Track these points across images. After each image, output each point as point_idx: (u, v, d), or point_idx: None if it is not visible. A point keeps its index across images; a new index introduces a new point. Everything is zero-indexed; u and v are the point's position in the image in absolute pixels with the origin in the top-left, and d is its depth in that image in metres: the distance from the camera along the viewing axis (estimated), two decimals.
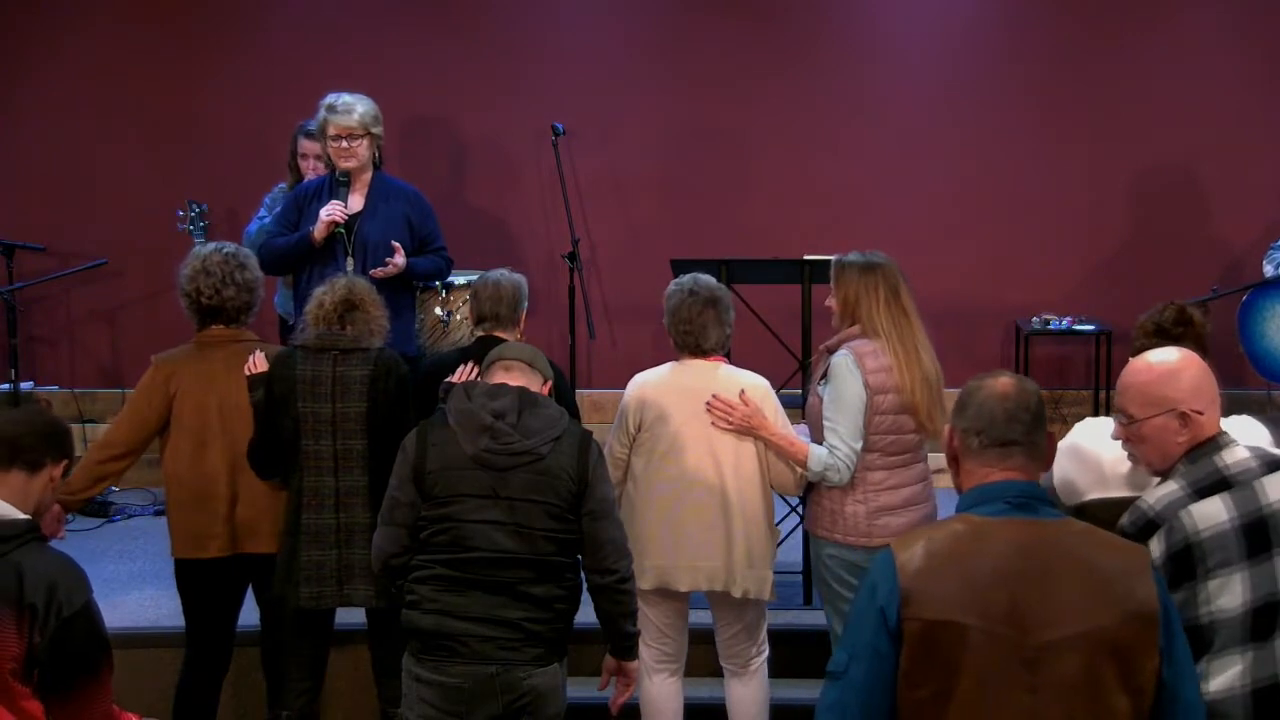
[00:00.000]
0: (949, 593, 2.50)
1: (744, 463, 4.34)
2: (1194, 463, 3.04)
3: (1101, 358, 6.80)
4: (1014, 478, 2.63)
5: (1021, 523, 2.57)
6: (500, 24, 7.33)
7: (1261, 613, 2.95)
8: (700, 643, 4.64)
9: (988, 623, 2.48)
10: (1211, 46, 7.09)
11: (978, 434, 2.67)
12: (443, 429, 3.68)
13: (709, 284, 4.40)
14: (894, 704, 2.54)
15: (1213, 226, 7.12)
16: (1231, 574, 2.96)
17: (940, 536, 2.59)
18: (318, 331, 4.34)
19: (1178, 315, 3.57)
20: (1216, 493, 2.99)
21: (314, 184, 5.51)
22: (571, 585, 3.73)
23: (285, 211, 5.47)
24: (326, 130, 5.40)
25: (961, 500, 2.67)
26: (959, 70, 7.23)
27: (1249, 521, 2.97)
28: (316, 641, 4.44)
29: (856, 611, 2.60)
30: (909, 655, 2.50)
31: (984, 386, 2.71)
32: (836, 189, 7.23)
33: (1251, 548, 2.96)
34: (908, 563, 2.54)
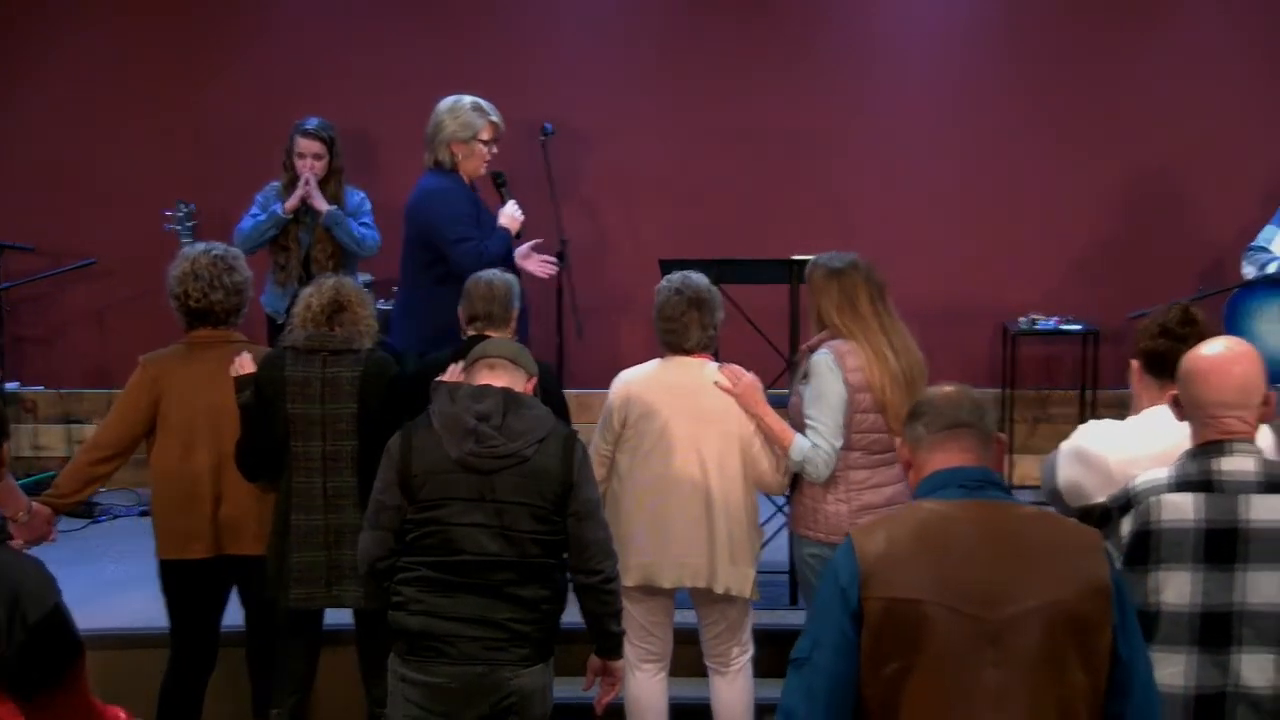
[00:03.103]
0: (909, 573, 2.55)
1: (728, 461, 4.37)
2: (1193, 459, 3.07)
3: (1088, 358, 6.81)
4: (966, 462, 2.68)
5: (977, 504, 2.62)
6: (492, 23, 7.32)
7: (1213, 620, 2.99)
8: (685, 642, 4.65)
9: (949, 600, 2.52)
10: (1198, 50, 7.11)
11: (925, 424, 2.73)
12: (427, 431, 3.69)
13: (697, 284, 4.43)
14: (859, 687, 2.57)
15: (1198, 227, 7.14)
16: (1181, 572, 3.00)
17: (899, 521, 2.65)
18: (306, 333, 4.35)
19: (1182, 315, 3.55)
20: (1196, 491, 3.02)
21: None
22: (557, 586, 3.74)
23: (466, 218, 5.40)
24: (483, 134, 5.50)
25: (918, 490, 2.73)
26: (950, 73, 7.24)
27: (1217, 529, 3.00)
28: (307, 642, 4.46)
29: (819, 599, 2.64)
30: (871, 635, 2.54)
31: (925, 392, 2.84)
32: (826, 189, 7.23)
33: (1212, 554, 2.99)
34: (868, 546, 2.58)
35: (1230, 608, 3.00)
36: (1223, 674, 3.01)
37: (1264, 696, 3.00)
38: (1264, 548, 2.99)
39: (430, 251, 5.39)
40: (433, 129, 5.54)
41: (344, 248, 6.01)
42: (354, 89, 7.20)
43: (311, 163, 5.99)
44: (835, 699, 2.56)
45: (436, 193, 5.43)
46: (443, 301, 5.05)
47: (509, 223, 5.53)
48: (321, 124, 6.08)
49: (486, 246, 5.35)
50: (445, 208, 5.38)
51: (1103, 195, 7.20)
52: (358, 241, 6.02)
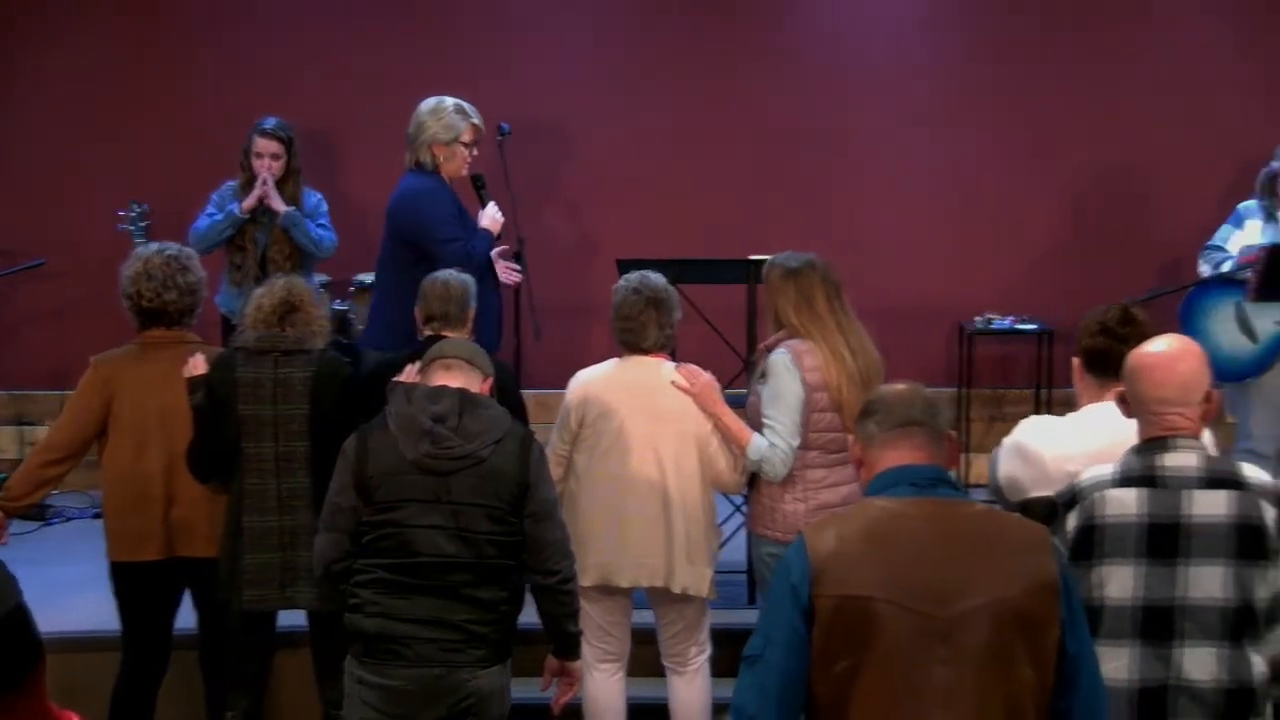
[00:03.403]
0: (860, 570, 2.56)
1: (685, 460, 4.38)
2: (1137, 455, 3.11)
3: (1043, 357, 6.86)
4: (918, 460, 2.70)
5: (928, 502, 2.64)
6: (452, 23, 7.30)
7: (1155, 614, 3.03)
8: (643, 642, 4.65)
9: (899, 597, 2.53)
10: (1157, 51, 7.16)
11: (877, 422, 2.74)
12: (383, 433, 3.67)
13: (655, 284, 4.44)
14: (810, 684, 2.58)
15: (1153, 227, 7.20)
16: (1124, 566, 3.04)
17: (850, 519, 2.66)
18: (257, 333, 4.32)
19: (1122, 315, 3.61)
20: (1139, 486, 3.05)
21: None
22: (515, 587, 3.74)
23: (453, 219, 5.38)
24: (465, 136, 5.47)
25: (869, 488, 2.74)
26: (909, 74, 7.27)
27: (1160, 524, 3.04)
28: (260, 644, 4.43)
29: (772, 597, 2.65)
30: (822, 632, 2.55)
31: (876, 390, 2.85)
32: (784, 190, 7.25)
33: (1154, 548, 3.03)
34: (819, 544, 2.60)
35: (1172, 602, 3.04)
36: (1165, 667, 3.04)
37: (1205, 689, 3.03)
38: (1205, 543, 3.03)
39: (414, 251, 5.36)
40: (414, 130, 5.52)
41: (301, 248, 5.98)
42: (312, 89, 7.17)
43: (269, 163, 5.97)
44: (787, 696, 2.57)
45: (423, 193, 5.41)
46: None
47: (490, 225, 5.53)
48: (280, 124, 6.05)
49: (474, 247, 5.36)
50: (432, 208, 5.36)
51: (1060, 195, 7.25)
52: (315, 242, 6.00)
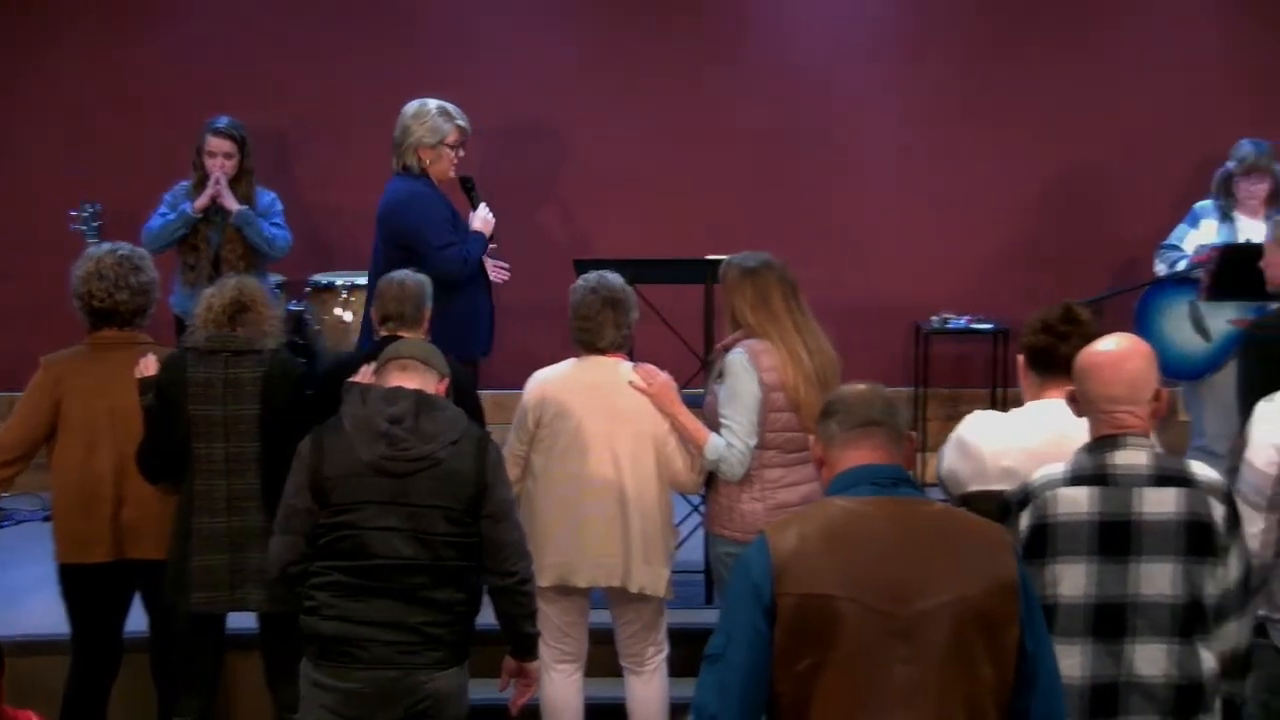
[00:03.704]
0: (821, 569, 2.56)
1: (642, 460, 4.38)
2: (1088, 453, 3.13)
3: (999, 356, 6.90)
4: (878, 459, 2.70)
5: (888, 501, 2.65)
6: (407, 22, 7.27)
7: (1107, 611, 3.06)
8: (600, 642, 4.65)
9: (860, 595, 2.54)
10: (1114, 53, 7.21)
11: (838, 422, 2.74)
12: (339, 435, 3.65)
13: (612, 284, 4.44)
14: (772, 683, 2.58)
15: (1109, 227, 7.24)
16: (1076, 564, 3.06)
17: (812, 517, 2.66)
18: (208, 333, 4.30)
19: (1064, 314, 3.64)
20: (1091, 485, 3.07)
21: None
22: (472, 588, 3.73)
23: (446, 223, 5.37)
24: (449, 139, 5.44)
25: (830, 487, 2.74)
26: (865, 74, 7.29)
27: (1110, 521, 3.06)
28: (209, 647, 4.40)
29: (732, 595, 2.65)
30: (784, 631, 2.55)
31: (837, 390, 2.85)
32: (742, 191, 7.26)
33: (1106, 546, 3.06)
34: (780, 543, 2.60)
35: (1124, 599, 3.06)
36: (1116, 664, 3.06)
37: (1156, 686, 3.06)
38: (1155, 540, 3.05)
39: (407, 255, 5.29)
40: (399, 134, 5.50)
41: (254, 248, 5.95)
42: (266, 89, 7.12)
43: (222, 161, 5.93)
44: (748, 695, 2.57)
45: (414, 198, 5.38)
46: (437, 303, 5.12)
47: (482, 226, 5.51)
48: (232, 123, 6.02)
49: (469, 251, 5.35)
50: (425, 213, 5.34)
51: (1017, 195, 7.29)
52: (268, 241, 5.97)
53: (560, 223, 7.29)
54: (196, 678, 4.39)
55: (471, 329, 5.42)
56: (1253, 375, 4.08)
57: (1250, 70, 7.12)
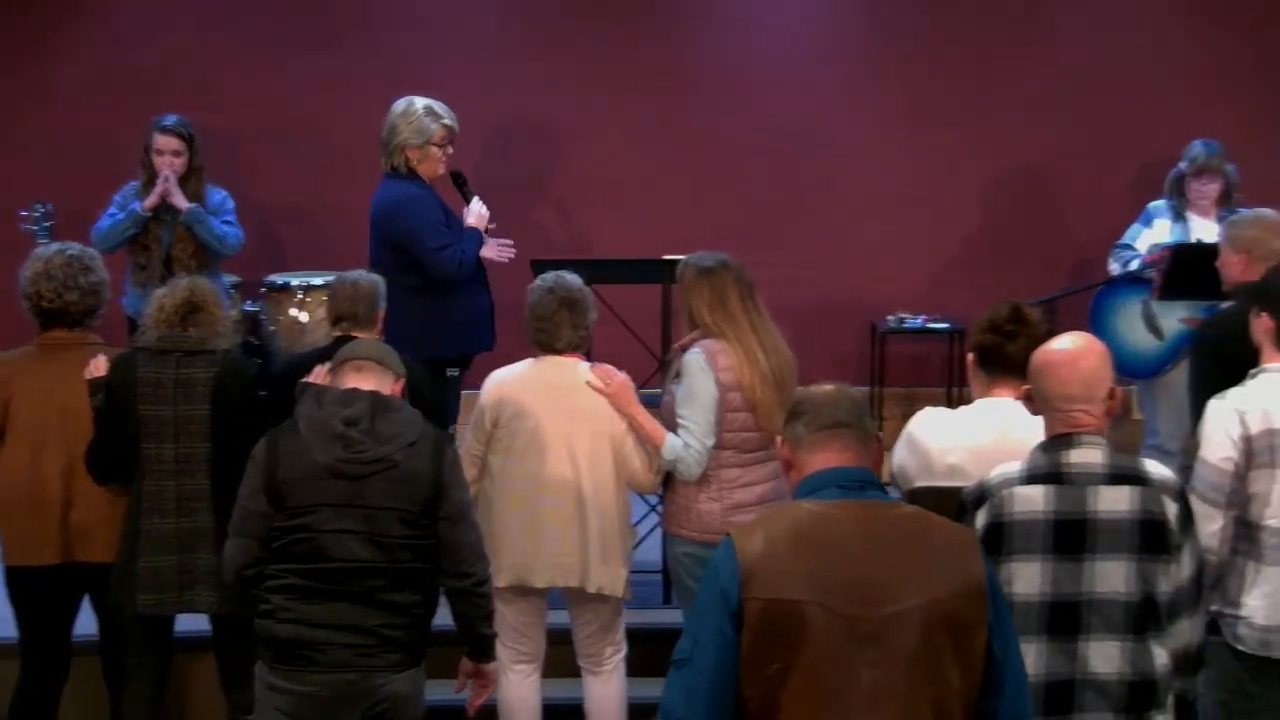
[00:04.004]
0: (788, 573, 2.55)
1: (600, 460, 4.37)
2: (1044, 452, 3.14)
3: (955, 355, 6.93)
4: (846, 462, 2.69)
5: (856, 504, 2.64)
6: (361, 21, 7.24)
7: (1061, 609, 3.07)
8: (558, 643, 4.64)
9: (827, 600, 2.53)
10: (1067, 52, 7.26)
11: (805, 423, 2.73)
12: (294, 437, 3.62)
13: (570, 284, 4.44)
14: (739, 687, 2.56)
15: (1064, 227, 7.30)
16: (1030, 562, 3.08)
17: (779, 521, 2.65)
18: (159, 333, 4.27)
19: (1011, 313, 3.66)
20: (1046, 483, 3.09)
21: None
22: (429, 590, 3.72)
23: (440, 224, 5.36)
24: (436, 138, 5.44)
25: (798, 490, 2.73)
26: (821, 72, 7.32)
27: (1066, 520, 3.08)
28: (157, 649, 4.37)
29: (699, 599, 2.63)
30: (751, 635, 2.54)
31: (804, 391, 2.83)
32: (697, 188, 7.26)
33: (1061, 544, 3.07)
34: (747, 547, 2.58)
35: (1079, 597, 3.08)
36: (1070, 662, 3.08)
37: (1110, 683, 3.08)
38: (1109, 538, 3.07)
39: (402, 257, 5.36)
40: (387, 134, 5.50)
41: (206, 246, 5.91)
42: (218, 89, 7.07)
43: (170, 159, 5.88)
44: (715, 699, 2.55)
45: (407, 201, 5.39)
46: (423, 303, 5.24)
47: (477, 221, 5.52)
48: (180, 121, 5.97)
49: (465, 251, 5.36)
50: (419, 216, 5.35)
51: (972, 194, 7.33)
52: (219, 239, 5.92)
53: (517, 223, 7.23)
54: (145, 681, 4.36)
55: (475, 326, 5.45)
56: (1205, 374, 4.12)
57: (1202, 71, 7.19)
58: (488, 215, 5.57)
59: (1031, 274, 6.98)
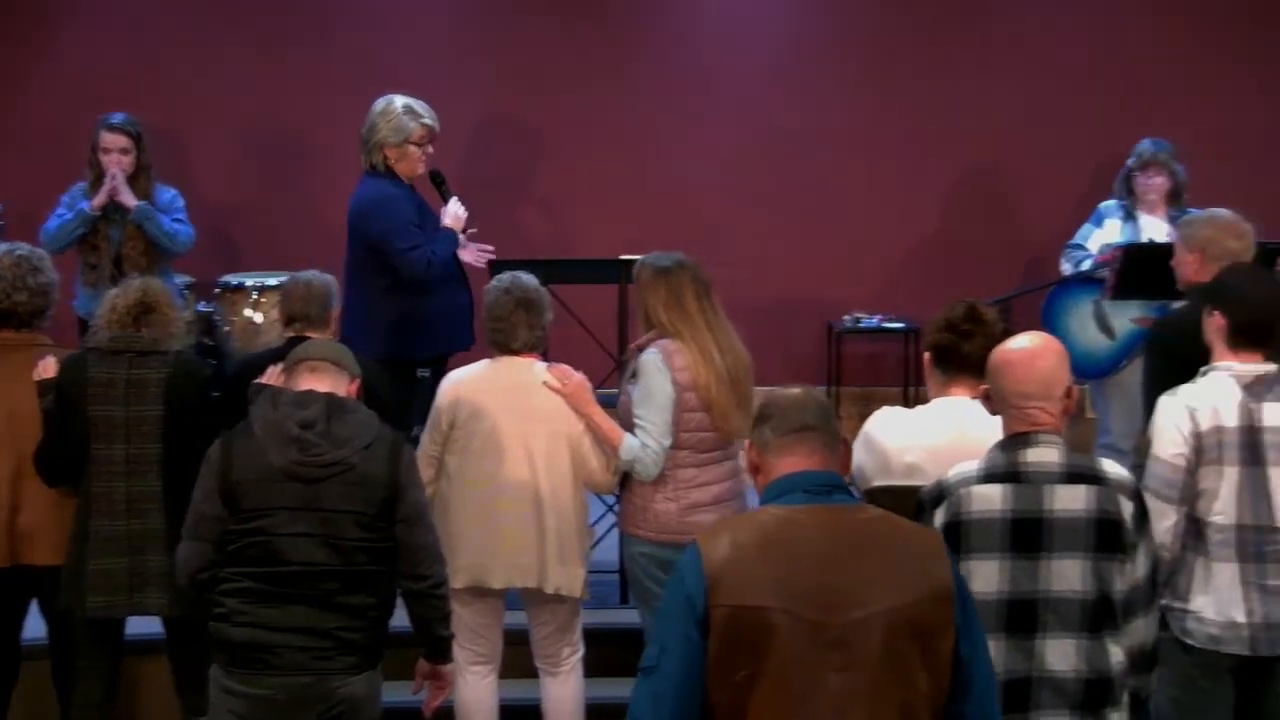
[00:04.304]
0: (754, 579, 2.54)
1: (557, 460, 4.37)
2: (1002, 451, 3.16)
3: (910, 355, 6.97)
4: (813, 466, 2.68)
5: (822, 509, 2.62)
6: (312, 22, 7.21)
7: (1018, 607, 3.09)
8: (515, 643, 4.64)
9: (794, 606, 2.52)
10: (1020, 54, 7.30)
11: (772, 427, 2.72)
12: (249, 439, 3.59)
13: (526, 284, 4.43)
14: (707, 694, 2.56)
15: (1016, 227, 7.34)
16: (988, 561, 3.09)
17: (745, 526, 2.64)
18: (111, 334, 4.24)
19: (967, 312, 3.69)
20: (1003, 482, 3.11)
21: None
22: (386, 592, 3.70)
23: (411, 225, 5.35)
24: (414, 137, 5.42)
25: (764, 495, 2.71)
26: (777, 72, 7.34)
27: (1023, 518, 3.09)
28: (107, 652, 4.33)
29: (665, 605, 2.62)
30: (718, 642, 2.53)
31: (771, 394, 2.81)
32: (654, 188, 7.27)
33: (1017, 543, 3.09)
34: (713, 552, 2.57)
35: (1035, 595, 3.09)
36: (1028, 660, 3.09)
37: (1066, 680, 3.09)
38: (1066, 537, 3.09)
39: (376, 257, 5.36)
40: (366, 132, 5.48)
41: (157, 245, 5.86)
42: (168, 88, 7.02)
43: (118, 158, 5.83)
44: (682, 705, 2.54)
45: (379, 200, 5.37)
46: (395, 303, 5.25)
47: (453, 222, 5.50)
48: (127, 119, 5.92)
49: (434, 251, 5.34)
50: (391, 216, 5.33)
51: (926, 195, 7.37)
52: (170, 236, 5.87)
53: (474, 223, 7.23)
54: (95, 684, 4.32)
55: (452, 325, 5.44)
56: (1158, 373, 4.15)
57: (1154, 72, 7.25)
58: (465, 216, 5.55)
59: (985, 274, 7.02)
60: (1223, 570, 3.65)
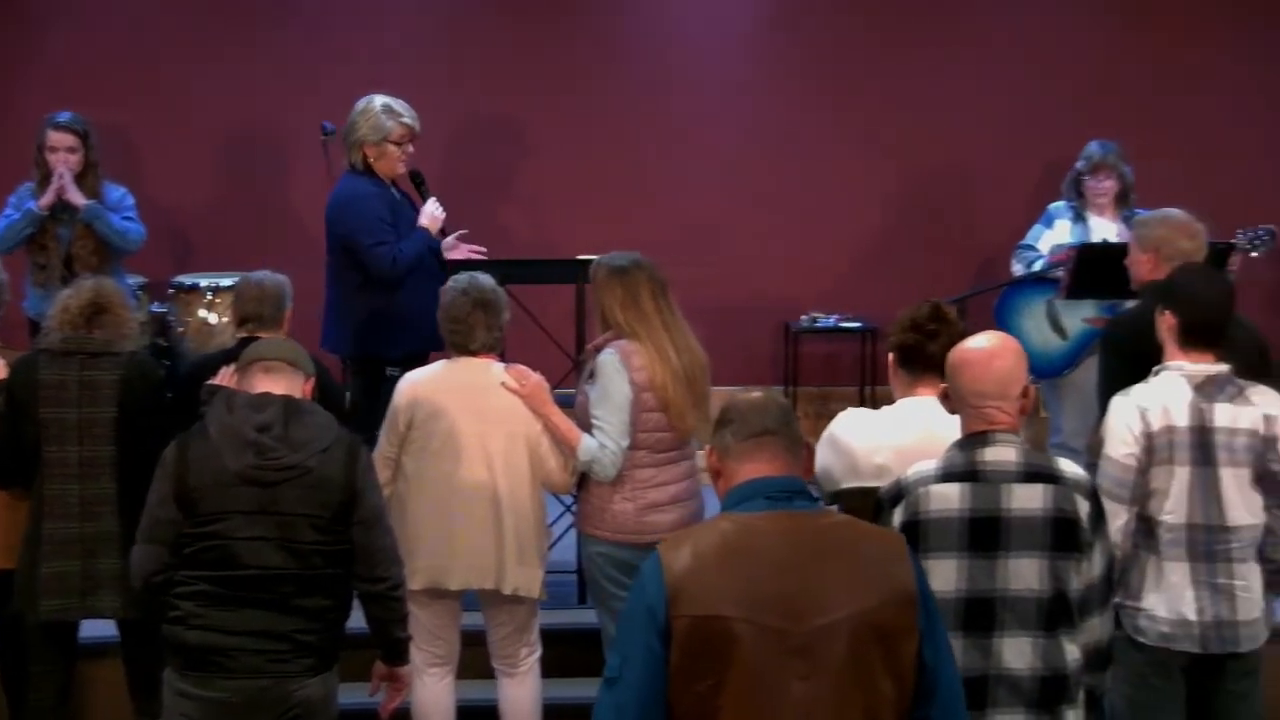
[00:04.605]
0: (716, 588, 2.53)
1: (515, 461, 4.36)
2: (960, 450, 3.18)
3: (867, 354, 7.00)
4: (774, 471, 2.67)
5: (784, 515, 2.62)
6: (272, 19, 7.17)
7: (976, 606, 3.11)
8: (472, 644, 4.62)
9: (756, 615, 2.51)
10: (974, 54, 7.35)
11: (733, 432, 2.71)
12: (204, 442, 3.56)
13: (484, 285, 4.42)
14: (671, 704, 2.55)
15: (968, 227, 7.39)
16: (946, 560, 3.10)
17: (706, 535, 2.62)
18: (63, 335, 4.20)
19: (932, 312, 3.70)
20: (961, 481, 3.12)
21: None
22: (342, 594, 3.68)
23: (380, 222, 5.38)
24: (393, 136, 5.47)
25: (725, 501, 2.70)
26: (733, 72, 7.36)
27: (981, 517, 3.11)
28: (60, 656, 4.29)
29: (626, 615, 2.61)
30: (680, 652, 2.52)
31: (731, 398, 2.80)
32: (612, 188, 7.27)
33: (975, 542, 3.11)
34: (674, 562, 2.56)
35: (993, 593, 3.11)
36: (985, 658, 3.11)
37: (1022, 678, 3.11)
38: (1023, 535, 3.11)
39: (349, 256, 5.42)
40: (347, 130, 5.56)
41: (107, 244, 5.81)
42: (116, 86, 6.96)
43: (65, 156, 5.78)
44: (645, 716, 2.54)
45: (350, 198, 5.46)
46: (365, 301, 5.34)
47: (429, 222, 5.56)
48: (74, 117, 5.88)
49: (401, 249, 5.38)
50: (359, 212, 5.41)
51: (880, 195, 7.40)
52: (121, 235, 5.82)
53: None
54: (47, 689, 4.27)
55: (427, 324, 5.36)
56: (1113, 372, 4.19)
57: (1100, 74, 7.31)
58: (443, 217, 5.60)
59: (937, 274, 7.06)
60: (1174, 569, 3.69)
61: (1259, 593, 3.76)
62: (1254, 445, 3.68)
